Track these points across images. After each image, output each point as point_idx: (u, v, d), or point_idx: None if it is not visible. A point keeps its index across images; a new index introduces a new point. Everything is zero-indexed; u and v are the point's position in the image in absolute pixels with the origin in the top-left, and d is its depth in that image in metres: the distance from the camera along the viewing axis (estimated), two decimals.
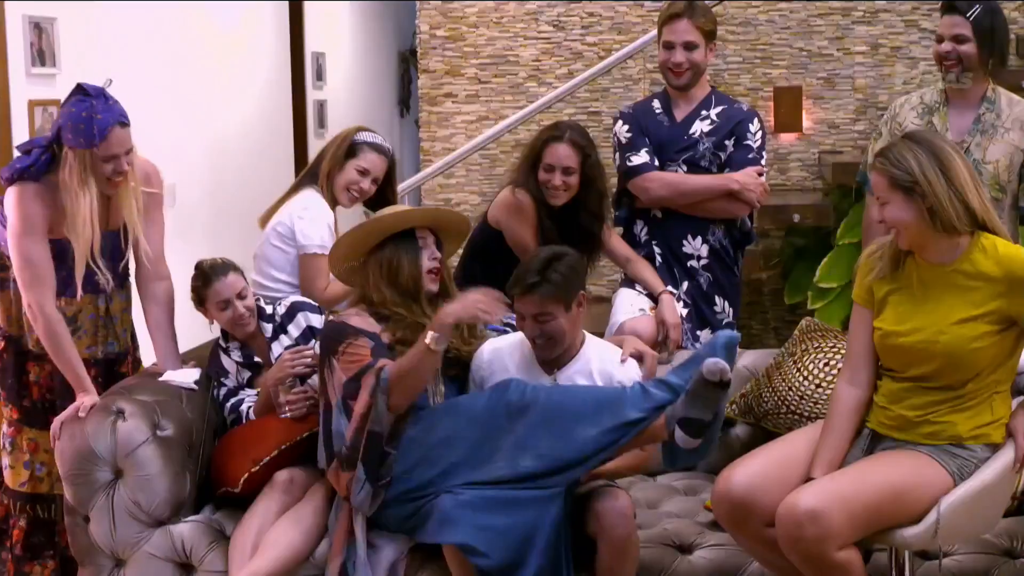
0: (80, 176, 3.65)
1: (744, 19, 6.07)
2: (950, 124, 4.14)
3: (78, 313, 3.83)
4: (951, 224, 3.09)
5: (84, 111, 3.63)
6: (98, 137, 3.62)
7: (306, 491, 3.60)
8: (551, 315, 3.48)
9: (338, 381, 3.40)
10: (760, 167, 4.41)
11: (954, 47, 4.09)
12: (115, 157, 3.67)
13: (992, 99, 4.16)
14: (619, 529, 3.32)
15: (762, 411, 3.99)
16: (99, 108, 3.64)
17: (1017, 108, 4.16)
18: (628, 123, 4.48)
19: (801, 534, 3.01)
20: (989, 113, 4.14)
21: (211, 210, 6.81)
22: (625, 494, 3.40)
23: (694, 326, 4.44)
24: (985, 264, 3.12)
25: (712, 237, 4.45)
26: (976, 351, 3.11)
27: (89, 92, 3.68)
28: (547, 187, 4.24)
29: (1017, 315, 3.10)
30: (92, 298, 3.84)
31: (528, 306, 3.49)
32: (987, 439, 3.18)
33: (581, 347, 3.62)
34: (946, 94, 4.19)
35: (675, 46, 4.37)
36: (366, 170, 4.13)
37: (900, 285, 3.22)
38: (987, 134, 4.12)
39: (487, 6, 6.20)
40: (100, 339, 3.90)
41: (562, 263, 3.52)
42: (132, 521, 3.61)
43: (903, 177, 3.11)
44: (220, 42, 7.11)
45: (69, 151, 3.65)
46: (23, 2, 5.02)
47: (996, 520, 3.31)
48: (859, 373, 3.28)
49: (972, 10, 4.08)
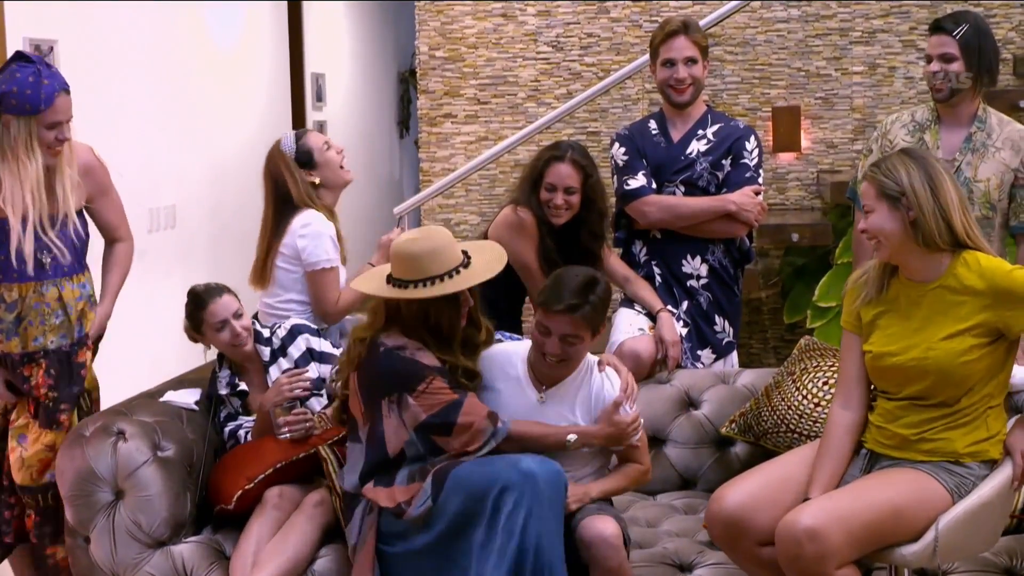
0: (26, 143, 3.60)
1: (742, 39, 6.09)
2: (941, 142, 4.17)
3: (19, 301, 3.74)
4: (932, 239, 3.12)
5: (30, 76, 3.58)
6: (44, 103, 3.58)
7: (296, 505, 3.61)
8: (579, 339, 3.43)
9: (412, 417, 3.36)
10: (757, 186, 4.42)
11: (942, 66, 4.12)
12: (59, 124, 3.63)
13: (983, 118, 4.19)
14: (610, 561, 3.30)
15: (761, 430, 4.00)
16: (44, 74, 3.60)
17: (1007, 128, 4.19)
18: (625, 145, 4.50)
19: (800, 552, 3.02)
20: (980, 132, 4.17)
21: (211, 232, 6.83)
22: (613, 521, 3.34)
23: (694, 345, 4.45)
24: (969, 278, 3.14)
25: (711, 257, 4.46)
26: (966, 365, 3.13)
27: (32, 60, 3.62)
28: (549, 206, 4.25)
29: (1004, 326, 3.13)
30: (37, 285, 3.75)
31: (561, 325, 3.41)
32: (985, 455, 3.19)
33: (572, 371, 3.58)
34: (937, 112, 4.22)
35: (676, 62, 4.39)
36: (328, 143, 4.19)
37: (888, 307, 3.25)
38: (978, 152, 4.14)
39: (486, 27, 6.23)
40: (48, 329, 3.80)
41: (600, 288, 3.46)
42: (133, 542, 3.61)
43: (891, 187, 3.15)
44: (220, 63, 7.14)
45: (12, 119, 3.59)
46: (24, 25, 5.04)
47: (995, 538, 3.31)
48: (852, 397, 3.30)
49: (959, 29, 4.12)
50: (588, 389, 3.54)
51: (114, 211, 4.00)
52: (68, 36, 5.34)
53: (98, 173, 3.90)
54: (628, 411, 3.50)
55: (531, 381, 3.54)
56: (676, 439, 4.15)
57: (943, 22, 4.17)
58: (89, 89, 5.43)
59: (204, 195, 6.90)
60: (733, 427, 4.09)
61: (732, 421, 4.09)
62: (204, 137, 7.01)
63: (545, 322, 3.43)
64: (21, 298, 3.76)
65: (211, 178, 7.04)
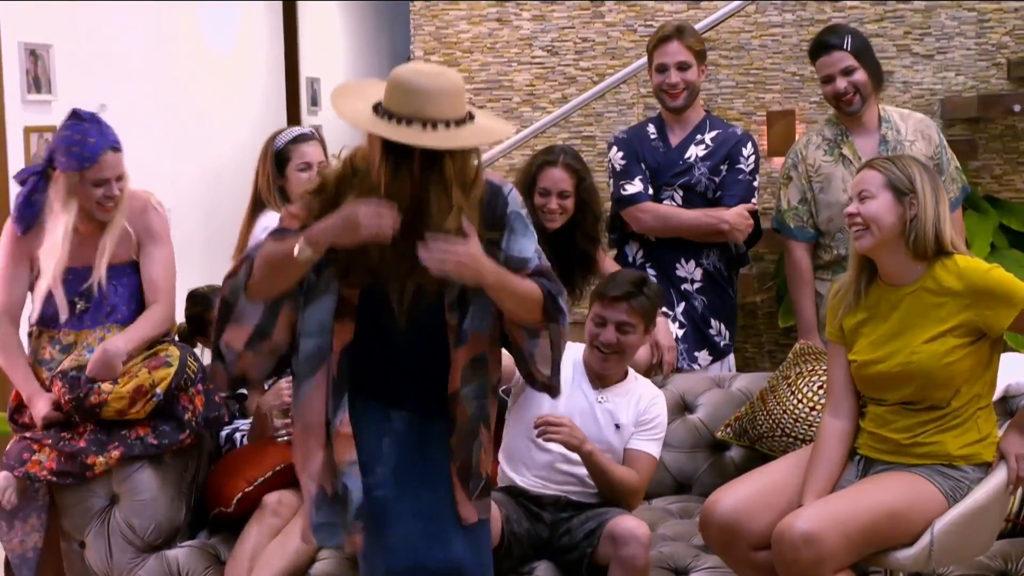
0: (64, 198, 3.66)
1: (737, 44, 6.09)
2: (859, 150, 4.25)
3: (72, 346, 3.76)
4: (921, 242, 3.17)
5: (77, 134, 3.66)
6: (89, 160, 3.64)
7: (295, 512, 3.61)
8: (633, 328, 3.60)
9: None
10: (751, 205, 4.43)
11: (847, 81, 4.21)
12: (106, 181, 3.68)
13: (886, 118, 4.31)
14: (639, 560, 3.35)
15: (757, 434, 4.00)
16: (91, 132, 3.67)
17: (911, 120, 4.32)
18: (622, 149, 4.50)
19: (796, 557, 3.02)
20: (890, 131, 4.28)
21: (206, 235, 6.83)
22: (644, 524, 3.42)
23: (691, 347, 4.45)
24: (948, 280, 3.17)
25: (706, 260, 4.46)
26: (950, 366, 3.14)
27: (83, 117, 3.70)
28: (543, 211, 4.26)
29: (984, 325, 3.15)
30: (90, 332, 3.77)
31: (617, 313, 3.58)
32: (979, 458, 3.20)
33: (626, 376, 3.71)
34: (844, 125, 4.29)
35: (669, 67, 4.41)
36: (308, 164, 4.10)
37: (869, 314, 3.27)
38: (897, 151, 4.22)
39: (481, 31, 6.22)
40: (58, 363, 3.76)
41: (653, 284, 3.70)
42: (128, 546, 3.60)
43: (902, 181, 3.19)
44: (215, 68, 7.13)
45: (60, 174, 3.67)
46: (19, 29, 5.04)
47: (990, 542, 3.32)
48: (841, 407, 3.32)
49: (846, 40, 4.22)
50: (638, 400, 3.67)
51: (158, 268, 3.83)
52: (63, 40, 5.34)
53: (149, 219, 3.86)
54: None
55: (588, 380, 3.66)
56: (672, 443, 4.14)
57: (827, 39, 4.27)
58: (84, 93, 5.42)
59: (199, 198, 6.90)
60: (728, 431, 4.09)
61: (727, 425, 4.10)
62: (199, 141, 7.01)
63: (602, 312, 3.60)
64: (75, 344, 3.77)
65: (206, 181, 7.03)
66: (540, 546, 3.52)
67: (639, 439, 3.64)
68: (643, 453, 3.64)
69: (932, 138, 4.32)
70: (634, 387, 3.71)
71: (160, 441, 3.63)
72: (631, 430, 3.64)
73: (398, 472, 2.83)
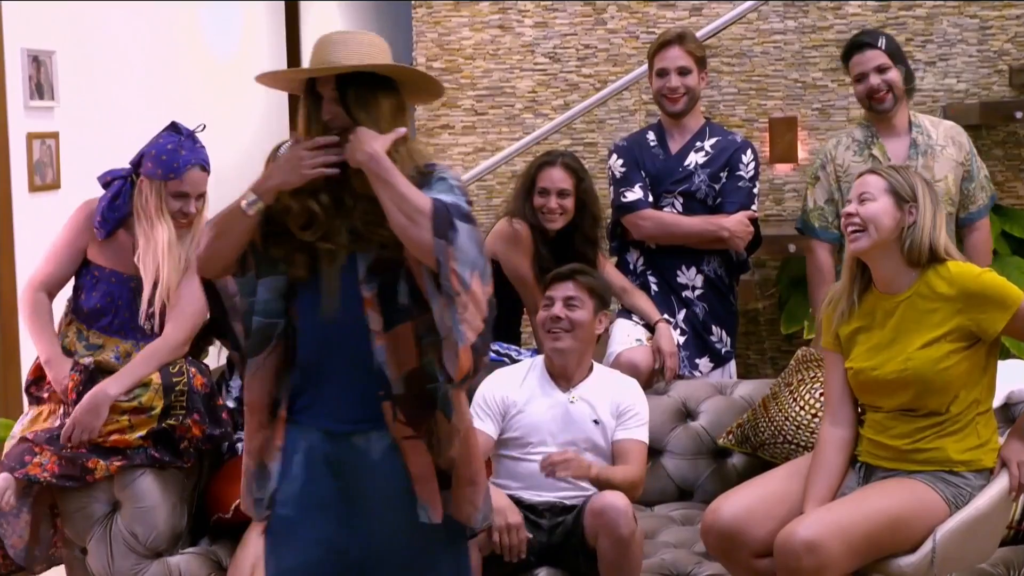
0: (157, 206, 3.67)
1: (739, 51, 6.09)
2: (889, 153, 4.23)
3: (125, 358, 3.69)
4: (916, 249, 3.19)
5: (170, 144, 3.69)
6: (175, 172, 3.65)
7: None
8: (580, 303, 3.67)
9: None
10: (752, 212, 4.43)
11: (880, 78, 4.19)
12: (185, 196, 3.69)
13: (916, 122, 4.31)
14: (621, 528, 3.33)
15: (759, 441, 4.00)
16: (185, 145, 3.70)
17: (942, 126, 4.32)
18: (622, 156, 4.51)
19: (799, 565, 3.02)
20: (920, 136, 4.27)
21: None
22: (624, 496, 3.41)
23: (692, 354, 4.45)
24: (940, 285, 3.18)
25: (707, 267, 4.47)
26: (945, 371, 3.15)
27: (180, 131, 3.73)
28: (543, 212, 4.27)
29: (978, 330, 3.15)
30: (120, 341, 3.73)
31: (563, 289, 3.70)
32: (980, 464, 3.20)
33: (591, 371, 3.74)
34: (874, 128, 4.29)
35: (669, 72, 4.41)
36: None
37: (864, 322, 3.28)
38: (928, 155, 4.22)
39: (484, 38, 6.23)
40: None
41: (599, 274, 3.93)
42: (130, 553, 3.60)
43: (905, 188, 3.22)
44: (218, 73, 7.13)
45: (145, 180, 3.68)
46: (22, 35, 5.04)
47: (992, 549, 3.32)
48: (840, 415, 3.33)
49: (880, 40, 4.23)
50: (611, 392, 3.69)
51: (183, 298, 3.66)
52: (66, 46, 5.33)
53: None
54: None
55: (554, 384, 3.69)
56: (673, 450, 4.15)
57: (862, 39, 4.29)
58: (87, 98, 5.42)
59: None
60: (730, 438, 4.09)
61: (729, 432, 4.10)
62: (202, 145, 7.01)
63: (550, 293, 3.72)
64: (102, 347, 3.74)
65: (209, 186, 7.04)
66: (541, 552, 3.52)
67: (624, 429, 3.66)
68: (632, 441, 3.65)
69: (963, 144, 4.30)
70: (602, 379, 3.74)
71: (162, 456, 3.62)
72: (612, 423, 3.65)
73: (305, 492, 2.76)
